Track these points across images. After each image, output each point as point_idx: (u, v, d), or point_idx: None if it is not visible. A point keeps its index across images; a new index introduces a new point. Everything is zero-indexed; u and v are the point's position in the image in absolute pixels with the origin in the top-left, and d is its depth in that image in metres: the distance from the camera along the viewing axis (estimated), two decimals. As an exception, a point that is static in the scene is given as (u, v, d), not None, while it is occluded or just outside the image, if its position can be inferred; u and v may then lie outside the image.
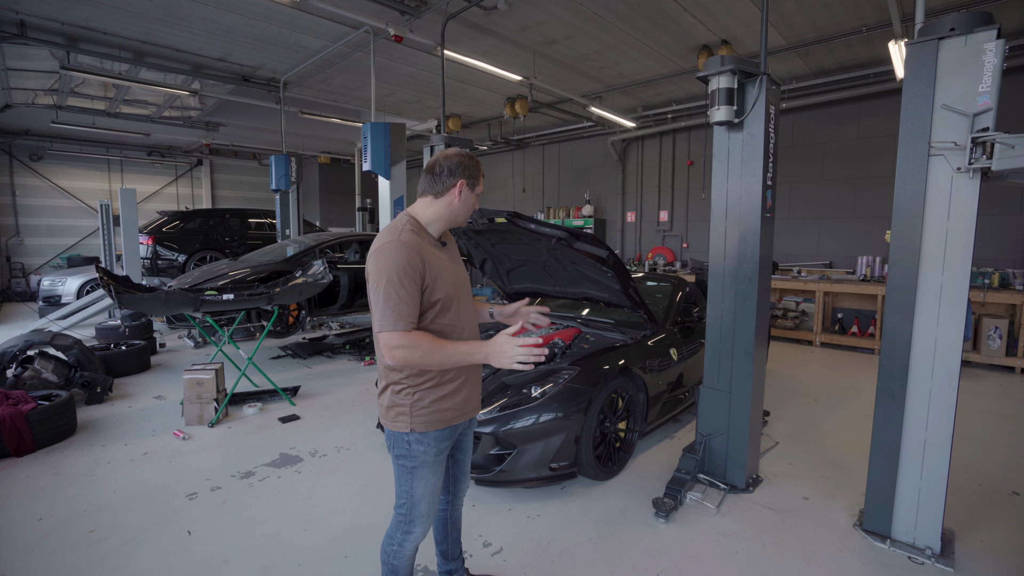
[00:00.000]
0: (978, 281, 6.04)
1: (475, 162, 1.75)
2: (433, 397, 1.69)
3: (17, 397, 3.82)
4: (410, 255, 1.57)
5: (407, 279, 1.55)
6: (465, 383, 1.76)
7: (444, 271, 1.68)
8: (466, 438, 1.98)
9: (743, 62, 2.84)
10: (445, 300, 1.66)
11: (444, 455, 1.78)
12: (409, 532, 1.77)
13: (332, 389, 5.17)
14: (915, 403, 2.51)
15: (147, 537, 2.69)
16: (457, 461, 1.98)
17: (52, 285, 8.80)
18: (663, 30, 6.14)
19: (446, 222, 1.74)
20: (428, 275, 1.61)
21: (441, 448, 1.75)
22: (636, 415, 3.54)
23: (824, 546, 2.63)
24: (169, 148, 13.58)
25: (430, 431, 1.70)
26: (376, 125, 5.61)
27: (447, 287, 1.67)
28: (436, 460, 1.74)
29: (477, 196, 1.77)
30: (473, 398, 1.84)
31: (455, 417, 1.75)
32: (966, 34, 2.24)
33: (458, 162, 1.71)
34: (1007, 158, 2.14)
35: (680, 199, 10.10)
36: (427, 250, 1.64)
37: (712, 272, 3.19)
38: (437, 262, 1.66)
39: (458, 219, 1.75)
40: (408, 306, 1.55)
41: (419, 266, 1.58)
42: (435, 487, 1.77)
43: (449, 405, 1.72)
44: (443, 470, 1.80)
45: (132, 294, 4.21)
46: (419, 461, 1.71)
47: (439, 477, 1.78)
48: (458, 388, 1.73)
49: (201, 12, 5.66)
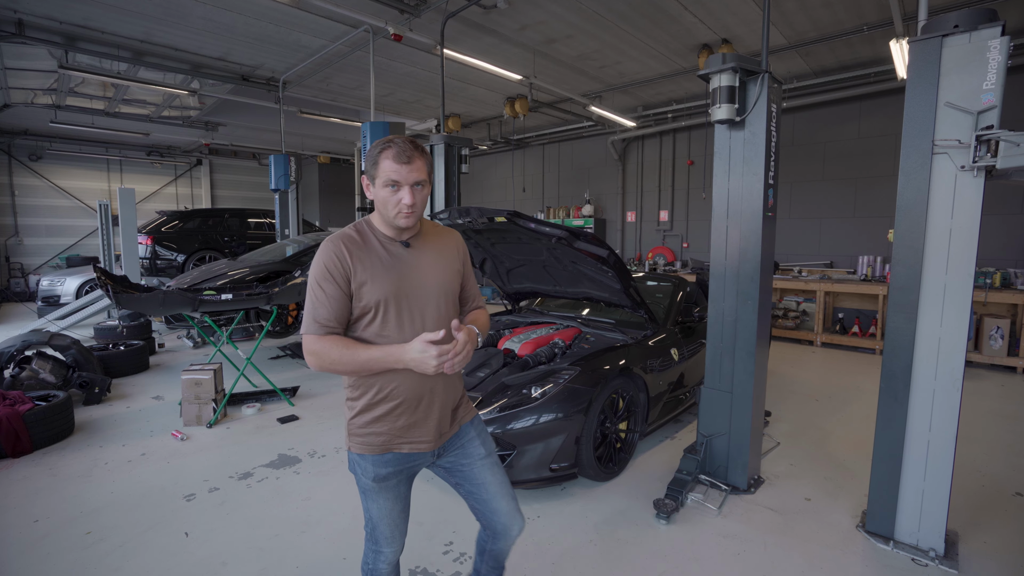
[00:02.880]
0: (980, 281, 6.02)
1: (375, 151, 1.48)
2: (366, 419, 1.54)
3: (14, 397, 3.80)
4: (331, 255, 1.46)
5: (324, 280, 1.45)
6: (405, 407, 1.53)
7: (386, 273, 1.49)
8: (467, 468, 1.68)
9: (745, 60, 2.82)
10: (378, 305, 1.48)
11: (390, 487, 1.59)
12: (378, 552, 1.67)
13: (331, 389, 5.15)
14: (918, 403, 2.49)
15: (144, 539, 2.67)
16: (472, 495, 1.71)
17: (51, 285, 8.78)
18: (663, 29, 6.12)
19: (385, 221, 1.53)
20: (358, 276, 1.47)
21: (382, 475, 1.56)
22: (637, 415, 3.52)
23: (826, 547, 2.61)
24: (168, 148, 13.56)
25: (366, 454, 1.55)
26: (375, 125, 5.59)
27: (383, 291, 1.47)
28: (382, 487, 1.57)
29: (391, 186, 1.46)
30: (425, 426, 1.57)
31: (399, 444, 1.55)
32: (970, 31, 2.22)
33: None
34: (1012, 156, 2.12)
35: (680, 199, 10.08)
36: (367, 249, 1.50)
37: (713, 272, 3.18)
38: (377, 263, 1.49)
39: (387, 218, 1.51)
40: (325, 308, 1.45)
41: (341, 267, 1.46)
42: (391, 512, 1.62)
43: (384, 429, 1.53)
44: (399, 498, 1.62)
45: (130, 294, 4.19)
46: (362, 484, 1.59)
47: (395, 503, 1.62)
48: (394, 411, 1.53)
49: (200, 11, 5.64)
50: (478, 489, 1.69)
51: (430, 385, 1.56)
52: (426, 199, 1.54)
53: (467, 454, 1.68)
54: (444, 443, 1.65)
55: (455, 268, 1.65)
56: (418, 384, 1.54)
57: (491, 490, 1.68)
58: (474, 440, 1.70)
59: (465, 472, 1.69)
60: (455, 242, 1.70)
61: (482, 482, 1.68)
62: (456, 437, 1.68)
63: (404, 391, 1.53)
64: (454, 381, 1.66)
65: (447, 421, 1.64)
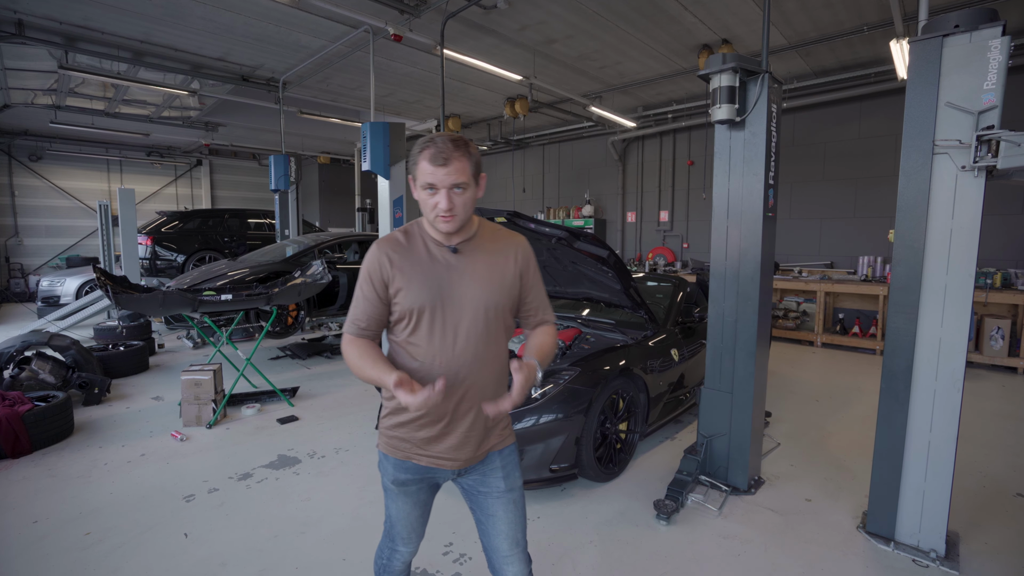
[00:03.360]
0: (980, 281, 6.01)
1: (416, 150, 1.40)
2: (392, 422, 1.53)
3: (14, 398, 3.79)
4: (374, 259, 1.46)
5: (365, 283, 1.46)
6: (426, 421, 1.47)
7: (423, 281, 1.43)
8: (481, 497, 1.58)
9: (745, 60, 2.81)
10: (411, 313, 1.43)
11: (410, 492, 1.56)
12: (394, 550, 1.67)
13: (331, 390, 5.14)
14: (919, 404, 2.49)
15: (144, 539, 2.66)
16: (479, 525, 1.61)
17: (51, 286, 8.78)
18: (664, 29, 6.12)
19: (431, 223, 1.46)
20: (396, 282, 1.43)
21: (401, 480, 1.54)
22: (637, 416, 3.51)
23: (827, 548, 2.60)
24: (168, 148, 13.56)
25: (388, 455, 1.55)
26: (375, 125, 5.59)
27: (417, 299, 1.42)
28: (401, 491, 1.56)
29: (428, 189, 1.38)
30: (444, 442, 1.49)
31: (418, 455, 1.51)
32: (971, 31, 2.22)
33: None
34: (1013, 156, 2.12)
35: (680, 199, 10.07)
36: (411, 254, 1.45)
37: (713, 272, 3.17)
38: (418, 269, 1.44)
39: (429, 218, 1.44)
40: (361, 310, 1.46)
41: (380, 272, 1.44)
42: (408, 515, 1.60)
43: (405, 435, 1.51)
44: (419, 504, 1.60)
45: (129, 294, 4.19)
46: (384, 482, 1.60)
47: (414, 508, 1.60)
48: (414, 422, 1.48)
49: (200, 11, 5.63)
50: (486, 520, 1.59)
51: (454, 403, 1.47)
52: (469, 202, 1.41)
53: (486, 483, 1.58)
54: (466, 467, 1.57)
55: (507, 279, 1.51)
56: (444, 402, 1.46)
57: (497, 527, 1.57)
58: (496, 471, 1.58)
59: (478, 500, 1.60)
60: (515, 249, 1.55)
61: (492, 515, 1.58)
62: (481, 463, 1.58)
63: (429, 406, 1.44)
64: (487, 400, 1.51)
65: (471, 445, 1.52)
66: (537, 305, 1.61)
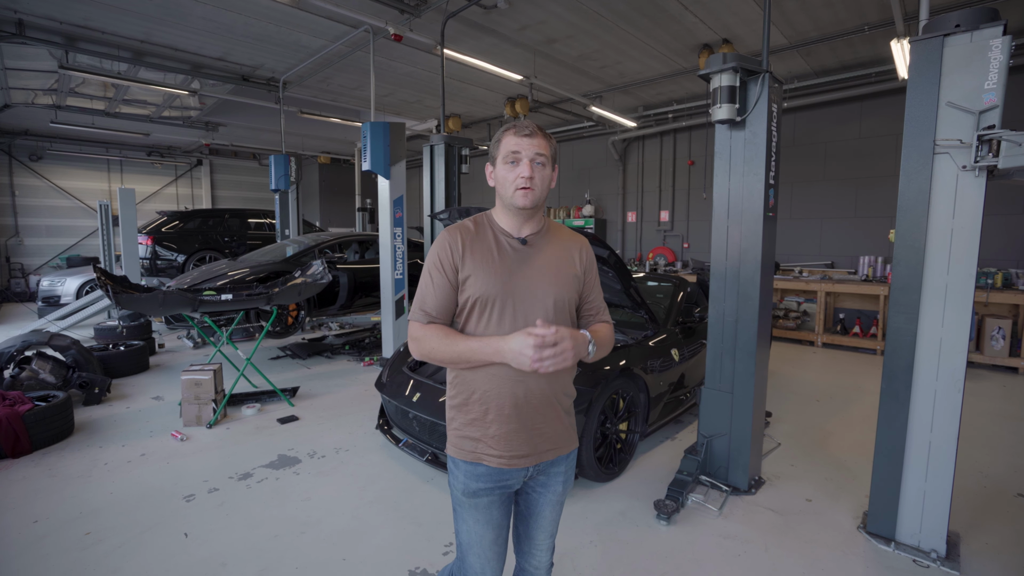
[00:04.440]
0: (981, 281, 6.01)
1: (500, 132, 1.47)
2: (461, 420, 1.48)
3: (14, 398, 3.79)
4: (445, 245, 1.44)
5: (435, 270, 1.44)
6: (497, 413, 1.43)
7: (494, 269, 1.42)
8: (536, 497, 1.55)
9: (745, 60, 2.81)
10: (478, 301, 1.41)
11: (481, 506, 1.48)
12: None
13: (331, 390, 5.14)
14: (920, 404, 2.49)
15: (144, 539, 2.66)
16: (521, 516, 1.59)
17: (51, 285, 8.78)
18: (664, 29, 6.12)
19: (504, 209, 1.48)
20: (466, 268, 1.42)
21: (473, 490, 1.46)
22: (637, 416, 3.51)
23: (828, 549, 2.60)
24: (169, 148, 13.56)
25: (459, 460, 1.48)
26: (376, 125, 5.59)
27: (488, 287, 1.40)
28: (472, 504, 1.48)
29: (511, 163, 1.42)
30: (517, 438, 1.44)
31: (488, 455, 1.44)
32: (971, 30, 2.22)
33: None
34: (1014, 156, 2.11)
35: (681, 199, 10.07)
36: (480, 242, 1.45)
37: (714, 272, 3.17)
38: (488, 257, 1.43)
39: (506, 199, 1.45)
40: (432, 297, 1.43)
41: (451, 258, 1.43)
42: (481, 538, 1.49)
43: (476, 434, 1.45)
44: (492, 522, 1.50)
45: (130, 294, 4.19)
46: (455, 497, 1.52)
47: (486, 528, 1.50)
48: (486, 416, 1.44)
49: (200, 11, 5.63)
50: (531, 517, 1.58)
51: (524, 391, 1.43)
52: (548, 182, 1.45)
53: (547, 486, 1.55)
54: (540, 466, 1.51)
55: (573, 275, 1.51)
56: (511, 389, 1.42)
57: (540, 524, 1.58)
58: (559, 476, 1.55)
59: (532, 497, 1.57)
60: (579, 248, 1.56)
61: (538, 514, 1.57)
62: (550, 464, 1.53)
63: (496, 395, 1.43)
64: (553, 394, 1.50)
65: (545, 439, 1.49)
66: (598, 306, 1.61)
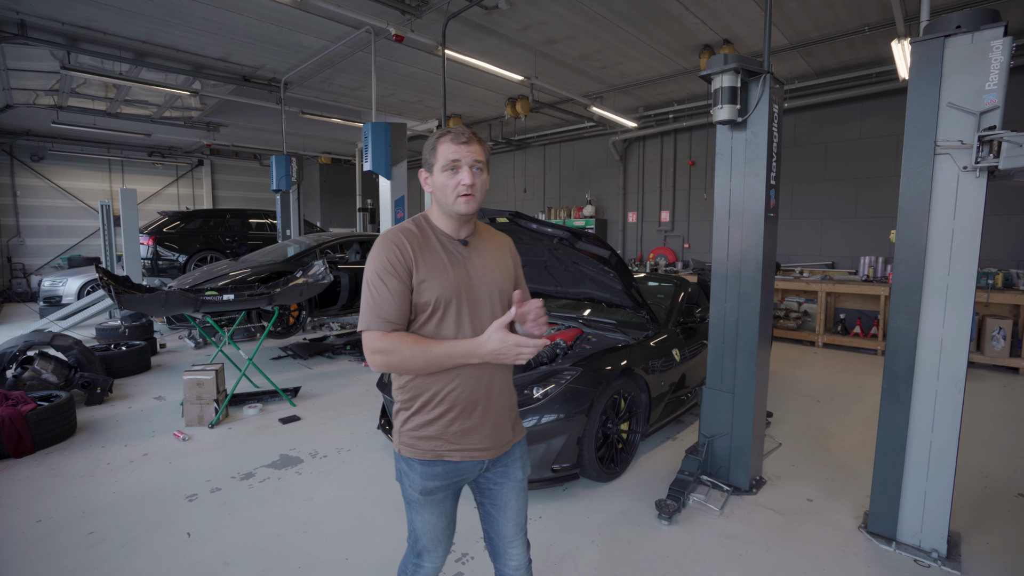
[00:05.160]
0: (982, 281, 6.01)
1: (433, 139, 1.47)
2: (418, 422, 1.48)
3: (16, 398, 3.80)
4: (392, 248, 1.41)
5: (387, 274, 1.39)
6: (460, 411, 1.47)
7: (447, 271, 1.44)
8: (498, 488, 1.60)
9: (746, 61, 2.82)
10: (437, 303, 1.42)
11: (436, 501, 1.54)
12: (419, 565, 1.62)
13: (333, 390, 5.15)
14: (921, 404, 2.49)
15: (146, 539, 2.67)
16: (488, 516, 1.64)
17: (53, 286, 8.79)
18: (665, 29, 6.13)
19: (443, 214, 1.50)
20: (419, 272, 1.41)
21: (428, 489, 1.50)
22: (638, 416, 3.52)
23: (829, 548, 2.60)
24: (170, 148, 13.58)
25: (414, 460, 1.49)
26: (377, 125, 5.60)
27: (444, 289, 1.42)
28: (427, 500, 1.52)
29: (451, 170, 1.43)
30: (479, 432, 1.50)
31: (449, 451, 1.48)
32: (972, 31, 2.22)
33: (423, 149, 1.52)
34: (1014, 156, 2.12)
35: (682, 199, 10.08)
36: (427, 245, 1.46)
37: (715, 272, 3.17)
38: (438, 259, 1.45)
39: (446, 205, 1.46)
40: (391, 303, 1.38)
41: (403, 260, 1.40)
42: (435, 526, 1.57)
43: (436, 433, 1.47)
44: (445, 512, 1.58)
45: (132, 294, 4.20)
46: (407, 495, 1.55)
47: (440, 518, 1.57)
48: (447, 414, 1.47)
49: (202, 12, 5.64)
50: (497, 511, 1.63)
51: (485, 389, 1.50)
52: (485, 187, 1.48)
53: (507, 475, 1.61)
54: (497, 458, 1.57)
55: (509, 269, 1.60)
56: (474, 387, 1.48)
57: (507, 515, 1.63)
58: (517, 462, 1.63)
59: (494, 492, 1.62)
60: (507, 244, 1.66)
61: (504, 505, 1.62)
62: (506, 454, 1.60)
63: (459, 394, 1.46)
64: (508, 389, 1.59)
65: (505, 430, 1.56)
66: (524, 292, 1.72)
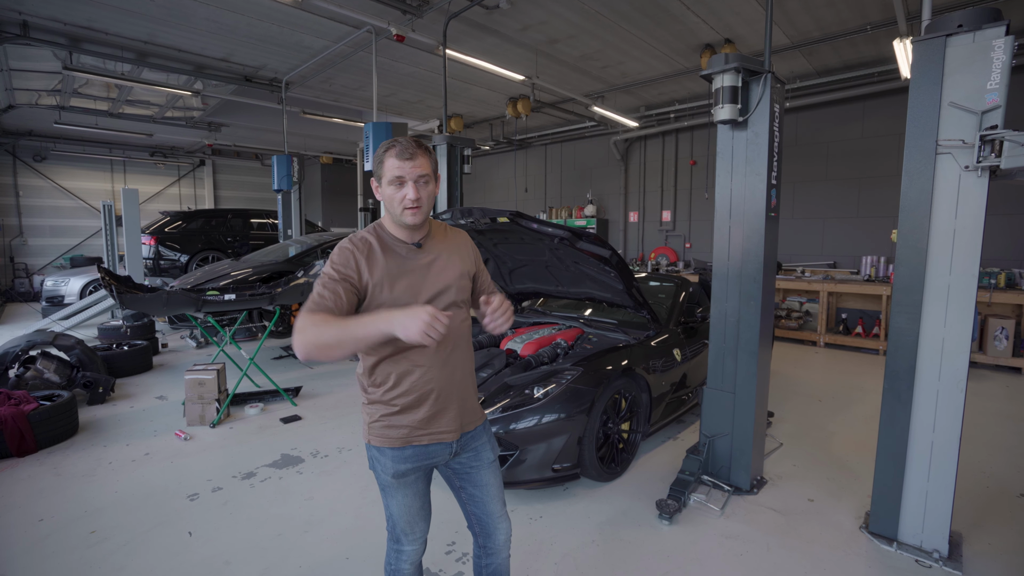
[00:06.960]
0: (984, 281, 5.99)
1: (380, 151, 1.51)
2: (385, 412, 1.56)
3: (19, 397, 3.81)
4: (345, 256, 1.48)
5: (332, 281, 1.44)
6: (424, 399, 1.55)
7: (400, 275, 1.51)
8: (474, 471, 1.70)
9: (747, 60, 2.81)
10: (393, 305, 1.47)
11: (409, 483, 1.61)
12: (399, 551, 1.69)
13: (334, 389, 5.16)
14: (922, 404, 2.48)
15: (148, 538, 2.68)
16: (472, 498, 1.72)
17: (55, 285, 8.81)
18: (666, 29, 6.12)
19: (394, 220, 1.55)
20: (374, 277, 1.48)
21: (400, 472, 1.58)
22: (639, 416, 3.51)
23: (830, 548, 2.60)
24: (172, 148, 13.60)
25: (385, 447, 1.57)
26: (378, 125, 5.60)
27: (398, 292, 1.49)
28: (400, 483, 1.59)
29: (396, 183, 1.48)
30: (445, 416, 1.59)
31: (419, 436, 1.56)
32: (974, 30, 2.21)
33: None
34: (1016, 156, 2.11)
35: (683, 199, 10.07)
36: (382, 251, 1.52)
37: (716, 272, 3.17)
38: (392, 264, 1.51)
39: (395, 216, 1.52)
40: (328, 301, 1.41)
41: (355, 266, 1.47)
42: (409, 508, 1.64)
43: (405, 422, 1.55)
44: (418, 494, 1.65)
45: (133, 294, 4.21)
46: (381, 480, 1.62)
47: (414, 499, 1.64)
48: (413, 404, 1.55)
49: (203, 12, 5.65)
50: (480, 491, 1.71)
51: (448, 377, 1.59)
52: (432, 196, 1.54)
53: (479, 457, 1.71)
54: (463, 440, 1.66)
55: (467, 268, 1.67)
56: (438, 376, 1.56)
57: (491, 493, 1.72)
58: (486, 444, 1.73)
59: (472, 475, 1.71)
60: (465, 241, 1.72)
61: (485, 484, 1.72)
62: (472, 439, 1.69)
63: (424, 384, 1.55)
64: (470, 375, 1.69)
65: (467, 412, 1.66)
66: (489, 288, 1.80)
